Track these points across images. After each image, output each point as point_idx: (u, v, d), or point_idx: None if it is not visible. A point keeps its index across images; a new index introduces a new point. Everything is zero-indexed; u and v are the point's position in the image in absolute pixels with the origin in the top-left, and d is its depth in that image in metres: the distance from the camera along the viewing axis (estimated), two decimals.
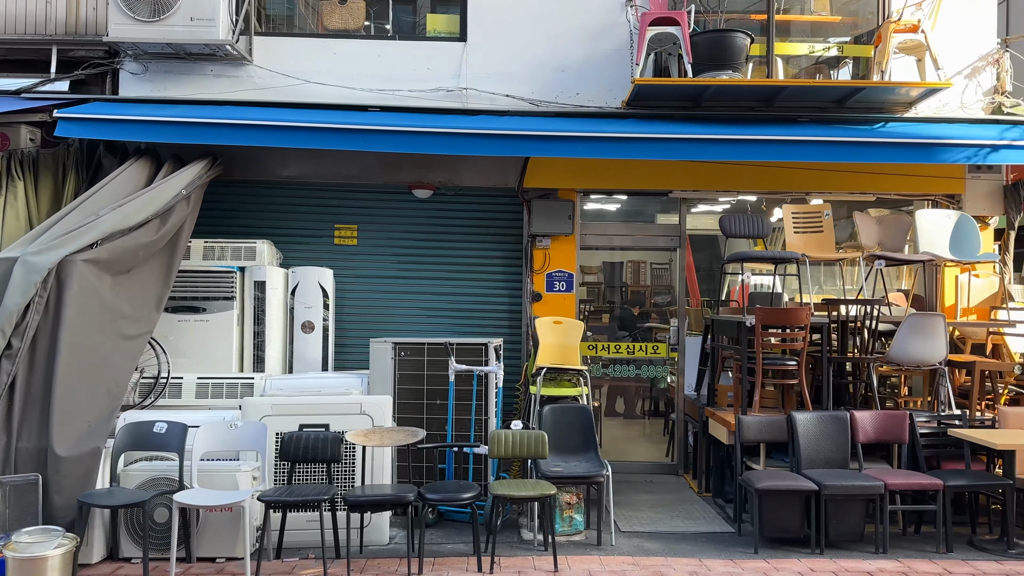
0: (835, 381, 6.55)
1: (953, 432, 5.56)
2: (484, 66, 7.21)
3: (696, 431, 6.98)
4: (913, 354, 5.94)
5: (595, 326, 8.42)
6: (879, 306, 6.05)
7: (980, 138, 6.40)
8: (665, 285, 8.37)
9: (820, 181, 7.33)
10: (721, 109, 7.14)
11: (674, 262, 7.78)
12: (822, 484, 5.23)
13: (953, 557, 5.21)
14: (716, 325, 6.73)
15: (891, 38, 6.74)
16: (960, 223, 6.54)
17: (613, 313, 8.94)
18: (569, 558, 5.13)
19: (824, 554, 5.24)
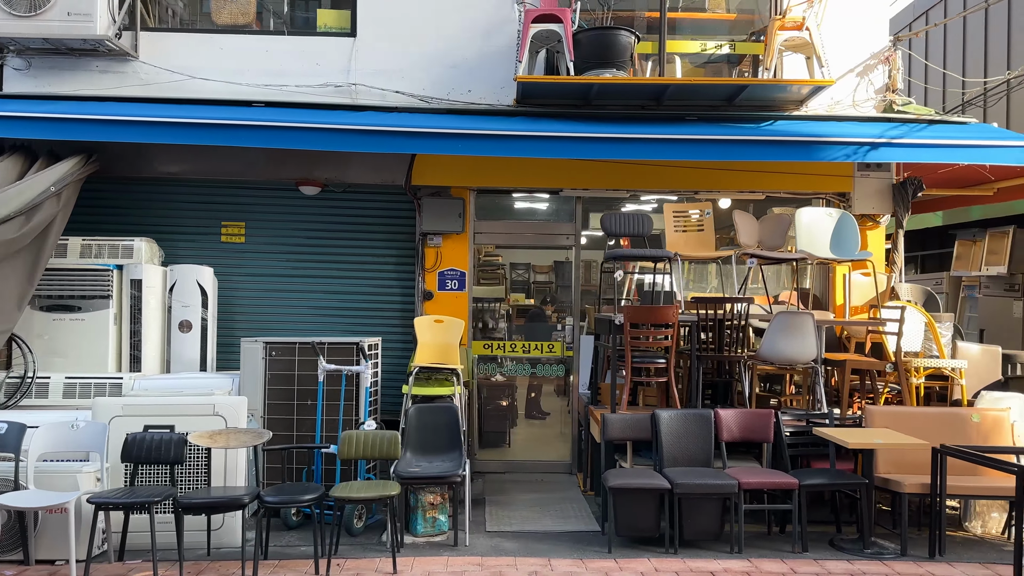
0: (721, 379, 6.56)
1: (817, 431, 5.54)
2: (374, 62, 7.14)
3: (583, 429, 6.95)
4: (783, 352, 5.91)
5: (520, 325, 8.43)
6: (748, 304, 6.02)
7: (860, 136, 6.39)
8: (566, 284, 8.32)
9: (711, 180, 7.31)
10: (612, 107, 7.11)
11: (570, 260, 7.73)
12: (675, 482, 5.20)
13: (806, 557, 5.18)
14: (598, 323, 6.70)
15: (776, 36, 6.72)
16: (841, 222, 6.52)
17: (530, 312, 8.89)
18: (417, 559, 5.07)
19: (678, 553, 5.20)
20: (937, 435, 5.60)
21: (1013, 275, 10.32)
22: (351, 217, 7.31)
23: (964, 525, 5.87)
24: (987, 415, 5.72)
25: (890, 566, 5.03)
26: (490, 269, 9.68)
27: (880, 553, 5.22)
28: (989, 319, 10.93)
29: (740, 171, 7.22)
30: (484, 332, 8.10)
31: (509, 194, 7.77)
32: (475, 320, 8.73)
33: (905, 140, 6.41)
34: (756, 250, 6.34)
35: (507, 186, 7.44)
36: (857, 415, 5.96)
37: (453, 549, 5.30)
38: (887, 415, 5.71)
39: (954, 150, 6.46)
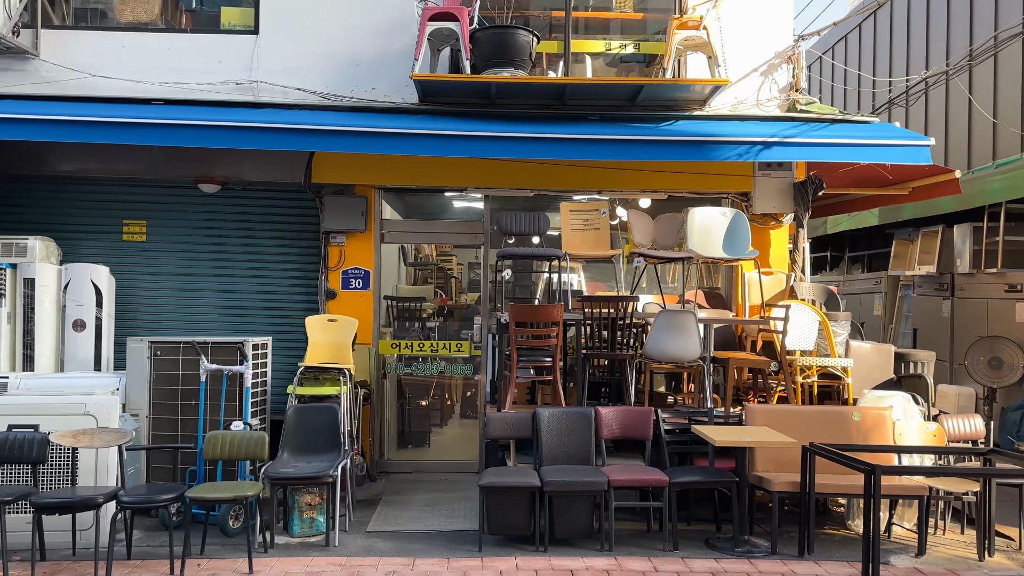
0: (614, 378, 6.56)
1: (694, 429, 5.54)
2: (277, 59, 7.12)
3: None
4: (667, 350, 5.92)
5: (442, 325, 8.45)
6: (634, 303, 6.03)
7: (753, 135, 6.41)
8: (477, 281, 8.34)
9: (616, 179, 7.31)
10: (516, 107, 7.10)
11: (479, 259, 7.72)
12: (545, 480, 5.20)
13: (675, 555, 5.19)
14: (498, 323, 6.69)
15: (674, 35, 6.72)
16: (735, 221, 6.53)
17: (467, 311, 8.88)
18: (280, 559, 5.04)
19: (548, 552, 5.20)
20: (818, 433, 5.62)
21: (942, 275, 10.38)
22: (253, 215, 7.29)
23: (847, 523, 5.88)
24: (868, 414, 5.74)
25: (755, 564, 5.04)
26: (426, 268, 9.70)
27: (751, 552, 5.23)
28: (922, 319, 10.99)
29: (644, 171, 7.22)
30: (408, 331, 8.09)
31: (416, 193, 7.77)
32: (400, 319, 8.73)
33: (798, 139, 6.44)
34: (646, 249, 6.34)
35: (413, 184, 7.43)
36: (739, 413, 5.97)
37: (324, 549, 5.28)
38: (767, 413, 5.72)
39: (849, 149, 6.50)
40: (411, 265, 9.70)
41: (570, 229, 6.67)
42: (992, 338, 8.99)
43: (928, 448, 5.48)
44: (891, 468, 4.49)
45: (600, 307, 6.03)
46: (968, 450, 5.53)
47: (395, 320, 8.60)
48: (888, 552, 5.36)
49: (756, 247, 7.32)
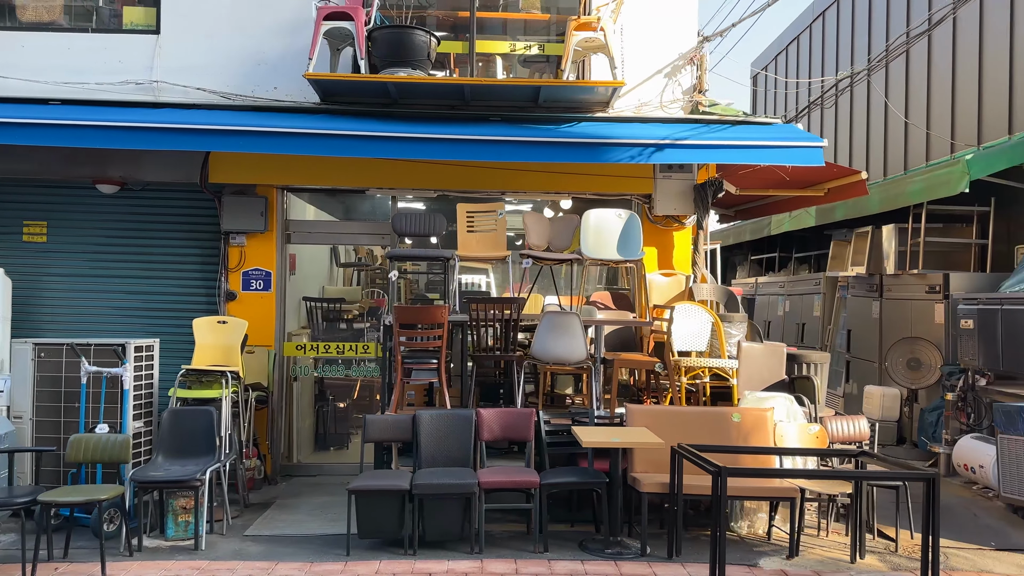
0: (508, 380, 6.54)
1: (573, 430, 5.52)
2: (178, 59, 7.09)
3: None
4: (553, 352, 5.91)
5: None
6: (520, 304, 6.01)
7: (646, 137, 6.40)
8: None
9: (518, 180, 7.30)
10: (419, 107, 7.09)
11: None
12: (413, 483, 5.17)
13: (544, 557, 5.17)
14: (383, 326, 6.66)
15: (572, 36, 6.71)
16: (629, 223, 6.52)
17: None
18: (140, 563, 5.00)
19: (416, 555, 5.17)
20: (699, 434, 5.62)
21: (872, 276, 10.41)
22: (153, 216, 7.24)
23: (731, 525, 5.88)
24: (749, 415, 5.74)
25: (619, 566, 5.03)
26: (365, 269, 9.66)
27: (620, 553, 5.22)
28: (855, 320, 11.02)
29: (549, 172, 7.21)
30: (335, 333, 8.08)
31: (320, 193, 7.74)
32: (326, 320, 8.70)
33: (690, 141, 6.44)
34: (534, 251, 6.33)
35: (317, 185, 7.40)
36: (622, 413, 5.96)
37: (191, 553, 5.24)
38: (647, 414, 5.71)
39: (743, 151, 6.50)
40: (344, 266, 9.68)
41: (466, 230, 6.65)
42: (911, 339, 9.03)
43: (800, 450, 5.48)
44: (739, 470, 4.48)
45: (488, 309, 6.01)
46: (838, 452, 5.53)
47: (320, 321, 8.58)
48: (761, 554, 5.37)
49: (659, 249, 7.38)
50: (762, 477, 5.01)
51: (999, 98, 9.37)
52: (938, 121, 10.77)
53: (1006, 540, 5.90)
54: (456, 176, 7.26)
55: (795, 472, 5.15)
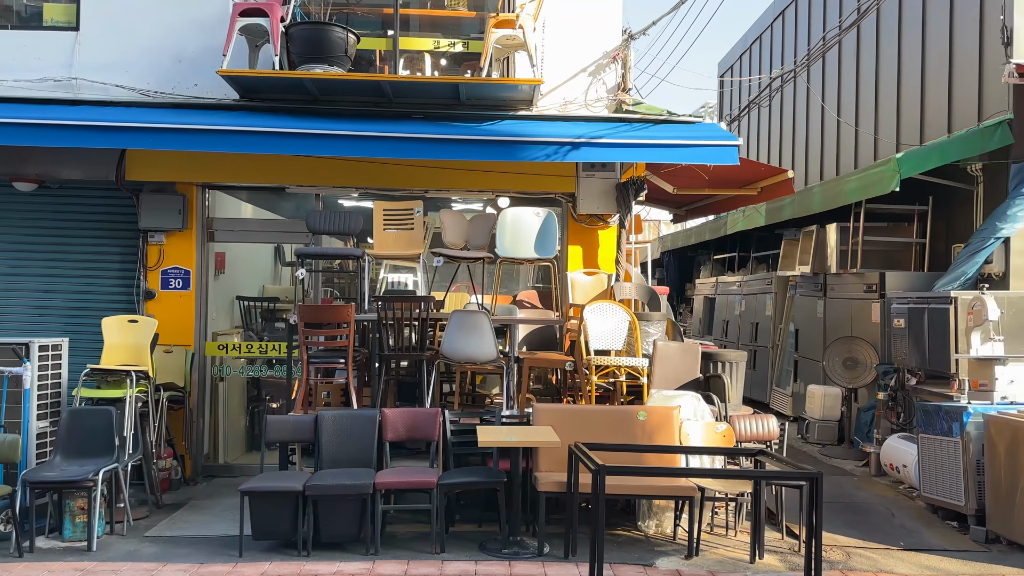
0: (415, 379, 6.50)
1: (479, 429, 5.48)
2: (98, 56, 7.02)
3: None
4: (462, 351, 5.87)
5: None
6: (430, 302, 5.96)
7: (563, 136, 6.37)
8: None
9: (442, 179, 7.25)
10: (342, 104, 7.03)
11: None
12: (306, 485, 5.12)
13: (439, 557, 5.13)
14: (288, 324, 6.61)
15: (491, 34, 6.67)
16: (547, 221, 6.49)
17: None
18: (26, 564, 4.95)
19: (310, 557, 5.12)
20: (604, 433, 5.59)
21: (816, 275, 10.41)
22: (72, 214, 7.17)
23: (639, 524, 5.84)
24: (655, 413, 5.71)
25: (512, 566, 4.99)
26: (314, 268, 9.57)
27: (517, 553, 5.18)
28: (802, 319, 11.02)
29: (472, 170, 7.16)
30: (275, 332, 8.03)
31: (243, 191, 7.69)
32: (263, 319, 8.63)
33: (606, 140, 6.40)
34: (446, 249, 6.29)
35: (236, 182, 7.35)
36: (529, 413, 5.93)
37: (83, 554, 5.18)
38: (553, 413, 5.67)
39: (659, 149, 6.48)
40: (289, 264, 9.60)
41: (383, 228, 6.60)
42: (849, 338, 9.02)
43: (698, 448, 5.45)
44: (620, 469, 4.43)
45: (398, 308, 5.96)
46: (736, 451, 5.50)
47: (256, 321, 8.52)
48: (661, 553, 5.33)
49: (584, 247, 7.35)
50: (642, 476, 4.96)
51: (940, 99, 9.37)
52: (886, 121, 10.77)
53: (918, 540, 5.88)
54: (380, 174, 7.20)
55: (676, 471, 5.12)
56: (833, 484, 7.53)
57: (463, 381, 6.76)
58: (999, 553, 5.61)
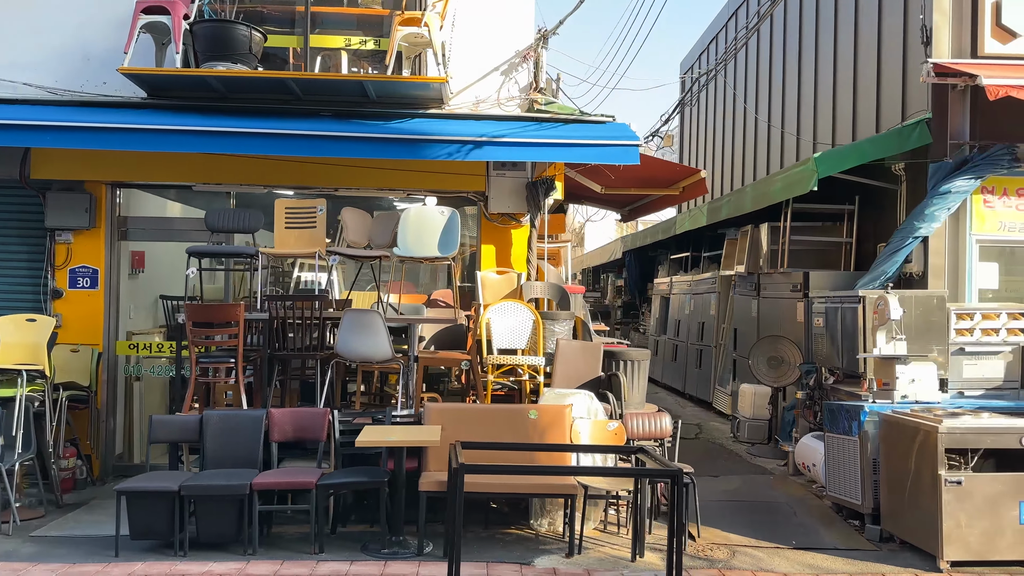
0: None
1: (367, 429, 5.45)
2: (5, 55, 7.01)
3: None
4: (356, 350, 5.85)
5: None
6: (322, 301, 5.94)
7: (470, 134, 6.36)
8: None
9: (352, 177, 7.21)
10: (252, 102, 7.00)
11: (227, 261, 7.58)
12: (182, 485, 5.09)
13: (317, 557, 5.11)
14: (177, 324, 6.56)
15: (397, 31, 6.65)
16: (451, 220, 6.47)
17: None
18: None
19: (187, 557, 5.09)
20: (495, 432, 5.57)
21: (751, 274, 10.43)
22: None
23: (531, 523, 5.83)
24: (546, 411, 5.70)
25: (387, 566, 4.97)
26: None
27: (396, 553, 5.17)
28: (740, 318, 11.03)
29: (382, 168, 7.13)
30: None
31: (153, 189, 7.65)
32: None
33: (508, 139, 6.40)
34: (341, 248, 6.26)
35: (145, 181, 7.31)
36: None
37: None
38: (444, 412, 5.66)
39: (563, 148, 6.49)
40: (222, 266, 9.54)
41: (284, 227, 6.57)
42: (774, 337, 9.04)
43: (574, 446, 5.45)
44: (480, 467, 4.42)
45: (289, 306, 5.93)
46: (616, 448, 5.49)
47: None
48: (543, 552, 5.33)
49: (497, 246, 7.34)
50: (500, 474, 4.93)
51: (870, 98, 9.40)
52: (823, 120, 10.80)
53: (812, 539, 5.89)
54: (290, 172, 7.17)
55: (535, 469, 5.10)
56: (749, 483, 7.56)
57: (369, 381, 6.73)
58: (889, 552, 5.63)
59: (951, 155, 7.71)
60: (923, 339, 6.84)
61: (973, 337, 6.93)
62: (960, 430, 5.29)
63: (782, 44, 11.83)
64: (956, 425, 5.32)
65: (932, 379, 6.44)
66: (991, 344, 6.92)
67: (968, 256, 7.82)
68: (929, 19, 7.87)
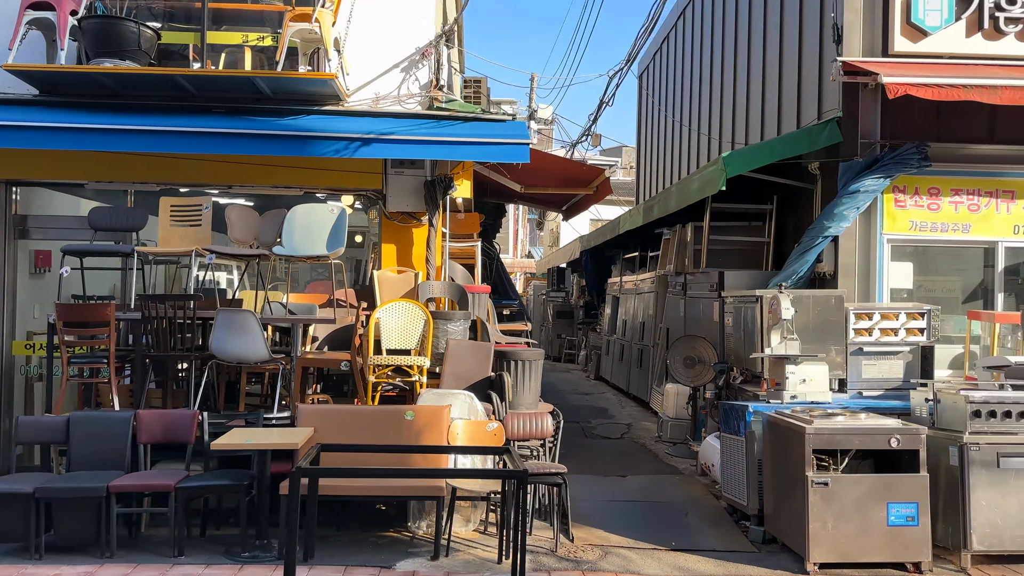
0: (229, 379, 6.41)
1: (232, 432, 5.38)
2: None
3: None
4: (230, 351, 5.77)
5: None
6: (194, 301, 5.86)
7: (355, 132, 6.30)
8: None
9: (248, 175, 7.12)
10: (150, 99, 6.91)
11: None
12: (36, 487, 5.01)
13: (172, 561, 5.04)
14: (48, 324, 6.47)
15: (288, 27, 6.58)
16: (340, 218, 6.41)
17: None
18: None
19: (43, 560, 5.01)
20: (372, 433, 5.51)
21: (679, 274, 10.41)
22: None
23: (408, 525, 5.77)
24: (423, 412, 5.64)
25: (243, 569, 4.91)
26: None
27: (257, 556, 5.10)
28: (671, 317, 11.01)
29: (278, 166, 7.04)
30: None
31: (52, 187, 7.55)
32: None
33: (398, 136, 6.36)
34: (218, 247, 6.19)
35: (39, 179, 7.23)
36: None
37: None
38: (318, 414, 5.58)
39: (454, 146, 6.48)
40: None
41: (169, 224, 6.48)
42: (691, 337, 9.01)
43: (440, 448, 5.38)
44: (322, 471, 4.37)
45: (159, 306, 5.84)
46: (484, 449, 5.44)
47: None
48: (410, 555, 5.27)
49: (397, 246, 7.28)
50: (339, 477, 4.87)
51: (791, 96, 9.39)
52: (754, 118, 10.79)
53: (694, 540, 5.85)
54: (184, 169, 7.05)
55: (378, 471, 5.00)
56: (654, 484, 7.52)
57: (262, 382, 6.66)
58: (767, 554, 5.60)
59: (862, 154, 7.71)
60: (821, 339, 6.83)
61: (872, 337, 6.92)
62: (827, 431, 5.26)
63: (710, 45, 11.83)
64: (824, 426, 5.29)
65: (823, 379, 6.42)
66: (890, 344, 6.91)
67: (879, 256, 7.81)
68: (840, 18, 7.86)
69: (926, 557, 5.18)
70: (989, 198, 7.83)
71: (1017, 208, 7.84)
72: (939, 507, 5.49)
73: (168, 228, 6.45)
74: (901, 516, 5.19)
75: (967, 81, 6.93)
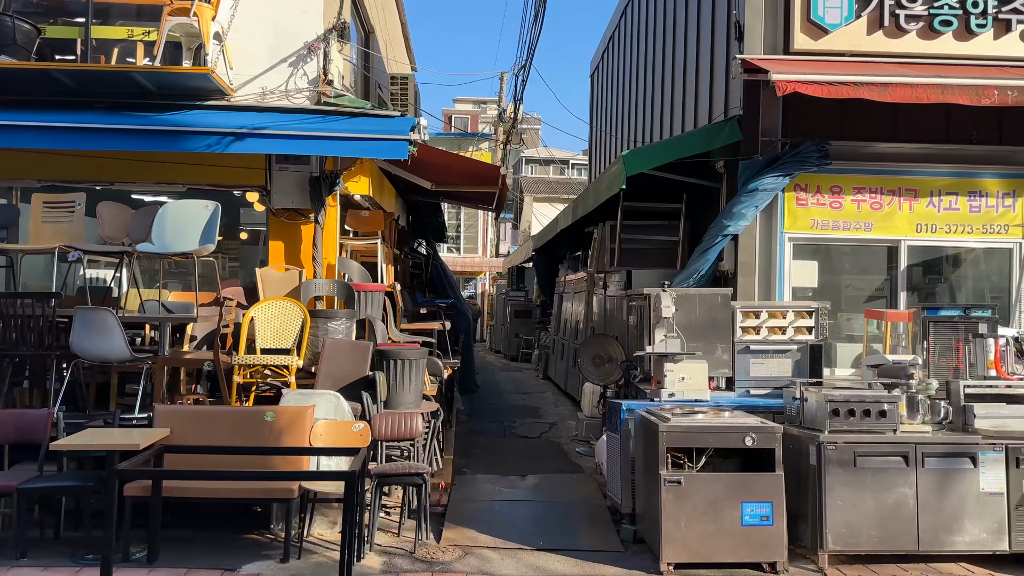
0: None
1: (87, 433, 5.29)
2: None
3: None
4: (89, 350, 5.67)
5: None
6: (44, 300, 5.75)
7: (225, 126, 6.23)
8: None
9: (129, 171, 7.07)
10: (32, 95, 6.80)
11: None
12: None
13: (12, 564, 4.94)
14: None
15: (166, 21, 6.50)
16: (215, 214, 6.32)
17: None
18: None
19: None
20: (231, 435, 5.41)
21: (600, 273, 10.38)
22: None
23: (271, 527, 5.68)
24: (284, 413, 5.54)
25: (78, 572, 4.83)
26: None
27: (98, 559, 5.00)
28: (598, 315, 10.98)
29: (161, 162, 6.98)
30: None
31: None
32: None
33: (272, 131, 6.30)
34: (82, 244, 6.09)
35: None
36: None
37: None
38: (175, 415, 5.47)
39: (331, 142, 6.42)
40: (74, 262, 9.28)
41: (40, 221, 6.38)
42: (601, 336, 8.99)
43: (296, 449, 5.31)
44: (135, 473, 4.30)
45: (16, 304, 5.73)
46: (339, 450, 5.36)
47: None
48: (260, 557, 5.19)
49: (285, 243, 7.21)
50: (174, 479, 4.79)
51: (704, 94, 9.38)
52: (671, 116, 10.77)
53: (565, 540, 5.80)
54: (65, 165, 7.03)
55: (199, 474, 4.94)
56: (548, 483, 7.47)
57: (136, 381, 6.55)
58: (632, 554, 5.55)
59: (764, 153, 7.69)
60: (708, 337, 6.81)
61: (759, 336, 6.90)
62: (680, 429, 5.23)
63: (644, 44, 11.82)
64: (678, 424, 5.26)
65: (702, 377, 6.39)
66: (779, 343, 6.89)
67: (780, 254, 7.79)
68: (742, 15, 7.84)
69: (781, 557, 5.15)
70: (892, 196, 7.82)
71: (920, 207, 7.84)
72: (807, 507, 5.47)
73: (40, 225, 6.34)
74: (756, 516, 5.16)
75: (858, 79, 6.90)
